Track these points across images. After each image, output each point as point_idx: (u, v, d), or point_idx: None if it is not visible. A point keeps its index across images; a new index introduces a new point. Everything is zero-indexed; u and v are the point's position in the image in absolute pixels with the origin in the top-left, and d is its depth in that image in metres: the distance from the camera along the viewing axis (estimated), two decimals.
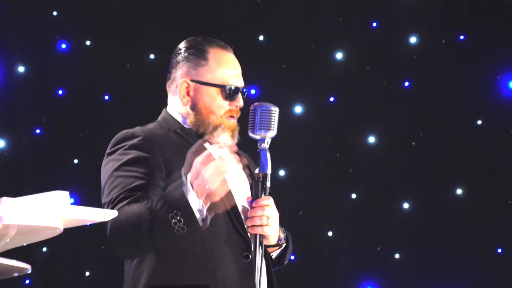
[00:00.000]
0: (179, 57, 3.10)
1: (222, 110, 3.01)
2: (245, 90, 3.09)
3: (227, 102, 3.01)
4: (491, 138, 5.96)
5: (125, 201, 2.73)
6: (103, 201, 2.85)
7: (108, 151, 2.93)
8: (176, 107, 3.08)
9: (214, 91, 3.02)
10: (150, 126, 3.03)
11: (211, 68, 3.05)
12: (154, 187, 2.78)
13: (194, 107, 3.03)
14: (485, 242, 5.88)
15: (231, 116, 3.03)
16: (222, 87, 3.02)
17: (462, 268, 5.87)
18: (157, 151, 2.85)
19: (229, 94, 3.01)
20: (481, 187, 5.96)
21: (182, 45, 3.14)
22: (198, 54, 3.07)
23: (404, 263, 5.98)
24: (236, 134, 3.03)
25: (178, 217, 2.60)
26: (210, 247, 2.81)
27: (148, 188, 2.77)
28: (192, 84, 3.04)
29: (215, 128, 3.00)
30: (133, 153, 2.84)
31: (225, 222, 2.85)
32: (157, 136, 2.93)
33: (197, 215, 2.63)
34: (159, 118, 3.09)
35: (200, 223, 2.64)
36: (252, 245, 2.85)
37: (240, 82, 3.07)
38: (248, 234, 2.86)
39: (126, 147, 2.87)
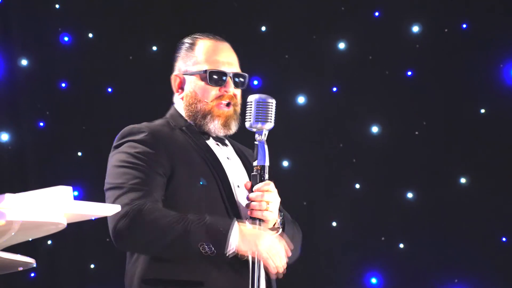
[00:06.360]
0: (176, 55, 3.18)
1: (210, 97, 3.04)
2: (243, 78, 3.09)
3: (214, 88, 3.04)
4: (494, 127, 5.95)
5: (130, 193, 2.77)
6: (105, 187, 2.90)
7: (114, 144, 2.97)
8: (178, 102, 3.14)
9: (199, 78, 3.06)
10: (157, 122, 3.08)
11: (196, 58, 3.10)
12: (157, 185, 2.83)
13: (185, 99, 3.09)
14: (489, 231, 5.88)
15: (224, 104, 3.04)
16: (204, 72, 3.05)
17: (466, 258, 5.87)
18: (162, 147, 2.90)
19: (211, 77, 3.04)
20: (485, 176, 5.96)
21: (179, 44, 3.21)
22: (188, 48, 3.14)
23: (408, 253, 5.98)
24: (232, 122, 3.04)
25: (210, 246, 2.70)
26: None
27: (152, 185, 2.82)
28: (182, 77, 3.11)
29: (204, 116, 3.03)
30: (140, 148, 2.88)
31: None
32: (161, 133, 2.97)
33: (230, 247, 2.72)
34: (167, 115, 3.14)
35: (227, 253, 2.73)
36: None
37: (228, 68, 3.08)
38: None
39: (133, 141, 2.91)
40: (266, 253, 2.73)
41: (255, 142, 2.81)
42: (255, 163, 2.82)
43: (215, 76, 3.04)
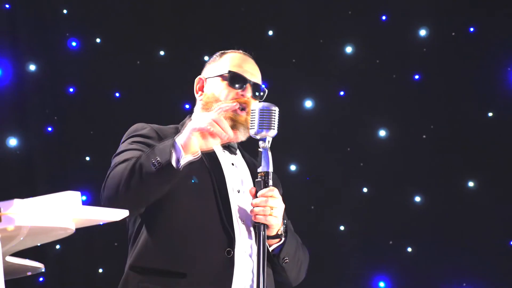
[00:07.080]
0: (206, 64, 3.37)
1: (226, 97, 3.17)
2: (262, 91, 3.23)
3: (233, 90, 3.17)
4: (502, 130, 5.94)
5: (119, 165, 2.92)
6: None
7: (122, 139, 3.17)
8: (196, 107, 3.30)
9: (219, 79, 3.22)
10: (167, 126, 3.21)
11: (222, 64, 3.27)
12: None
13: (203, 99, 3.24)
14: (497, 235, 5.87)
15: (240, 107, 3.13)
16: (227, 73, 3.21)
17: (474, 261, 5.86)
18: (159, 141, 3.02)
19: (232, 78, 3.19)
20: (493, 180, 5.95)
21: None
22: (217, 57, 3.32)
23: (416, 256, 5.97)
24: (240, 128, 3.12)
25: (157, 158, 2.77)
26: (193, 238, 2.91)
27: None
28: (204, 80, 3.28)
29: None
30: (139, 138, 3.09)
31: (213, 218, 2.95)
32: (164, 132, 3.13)
33: (174, 155, 2.76)
34: (181, 122, 3.25)
35: (174, 164, 2.75)
36: (255, 235, 2.92)
37: (250, 77, 3.22)
38: (235, 231, 2.95)
39: (135, 135, 3.12)
40: (203, 124, 2.78)
41: (259, 149, 2.85)
42: (259, 170, 2.86)
43: (236, 78, 3.19)
